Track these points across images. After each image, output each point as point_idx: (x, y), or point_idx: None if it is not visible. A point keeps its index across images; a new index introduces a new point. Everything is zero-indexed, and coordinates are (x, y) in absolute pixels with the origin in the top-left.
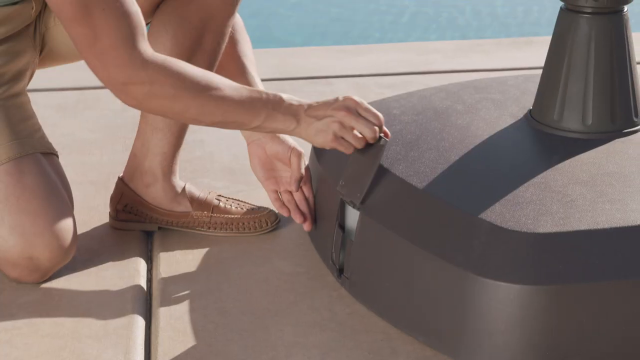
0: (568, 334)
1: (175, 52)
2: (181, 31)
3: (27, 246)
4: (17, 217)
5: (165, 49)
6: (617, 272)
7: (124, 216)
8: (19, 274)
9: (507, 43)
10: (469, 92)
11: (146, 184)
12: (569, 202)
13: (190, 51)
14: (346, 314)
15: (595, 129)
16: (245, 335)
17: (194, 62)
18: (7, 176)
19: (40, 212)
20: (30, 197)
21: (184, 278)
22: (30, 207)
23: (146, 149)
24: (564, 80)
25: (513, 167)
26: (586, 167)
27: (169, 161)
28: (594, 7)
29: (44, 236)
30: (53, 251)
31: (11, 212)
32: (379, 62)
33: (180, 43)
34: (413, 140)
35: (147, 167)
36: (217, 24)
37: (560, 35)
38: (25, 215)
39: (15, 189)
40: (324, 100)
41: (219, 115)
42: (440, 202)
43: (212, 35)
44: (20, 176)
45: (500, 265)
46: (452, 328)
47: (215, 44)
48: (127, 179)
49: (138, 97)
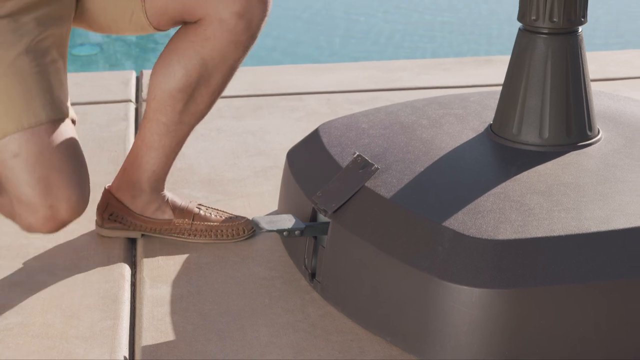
0: (526, 334)
1: (182, 82)
2: (193, 65)
3: (51, 197)
4: (47, 171)
5: (175, 78)
6: (572, 277)
7: (110, 224)
8: (35, 221)
9: (468, 62)
10: (433, 107)
11: (133, 196)
12: (527, 211)
13: (196, 84)
14: (318, 316)
15: (551, 142)
16: (223, 335)
17: (198, 95)
18: (45, 135)
19: (67, 171)
20: (62, 156)
21: (166, 282)
22: (60, 165)
23: (137, 165)
24: (522, 97)
25: (474, 178)
26: (543, 178)
27: (158, 178)
28: (550, 28)
29: (67, 191)
30: (72, 205)
31: (43, 166)
32: (348, 79)
33: (190, 75)
34: (381, 153)
35: (136, 181)
36: (227, 65)
37: (518, 54)
38: (55, 171)
39: (49, 147)
40: None
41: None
42: (406, 211)
43: (220, 75)
44: (56, 137)
45: (462, 270)
46: (417, 329)
47: (221, 82)
48: (114, 189)
49: None
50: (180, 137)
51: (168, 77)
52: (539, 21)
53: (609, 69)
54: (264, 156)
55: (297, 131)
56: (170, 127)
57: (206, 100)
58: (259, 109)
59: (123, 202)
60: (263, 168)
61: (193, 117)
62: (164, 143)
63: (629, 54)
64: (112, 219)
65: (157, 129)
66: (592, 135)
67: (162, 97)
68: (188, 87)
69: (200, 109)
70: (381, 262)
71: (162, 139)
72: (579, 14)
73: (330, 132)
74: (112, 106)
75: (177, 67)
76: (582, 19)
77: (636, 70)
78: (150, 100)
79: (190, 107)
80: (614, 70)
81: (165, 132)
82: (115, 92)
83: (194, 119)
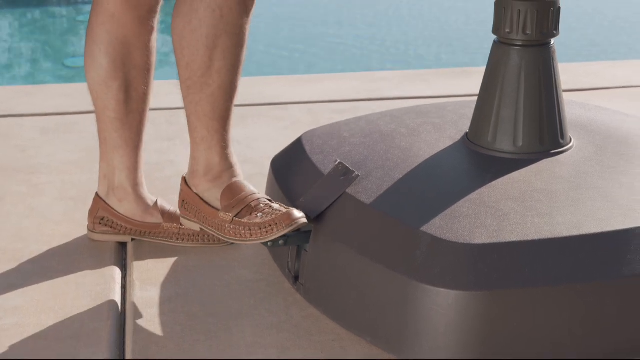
0: (501, 335)
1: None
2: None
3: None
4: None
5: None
6: (545, 279)
7: (101, 229)
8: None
9: (445, 73)
10: (411, 116)
11: (119, 199)
12: (502, 216)
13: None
14: (301, 317)
15: (525, 150)
16: (210, 336)
17: (133, 79)
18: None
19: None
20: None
21: (155, 284)
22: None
23: (112, 168)
24: (497, 106)
25: (451, 185)
26: (517, 184)
27: (134, 174)
28: (523, 40)
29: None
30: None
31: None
32: (330, 89)
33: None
34: (361, 160)
35: (118, 183)
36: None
37: (493, 66)
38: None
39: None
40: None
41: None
42: (386, 216)
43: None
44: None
45: (439, 273)
46: (396, 330)
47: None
48: (103, 195)
49: None
50: (136, 127)
51: (97, 69)
52: (513, 34)
53: (580, 79)
54: (250, 163)
55: (282, 139)
56: (123, 120)
57: (143, 82)
58: (245, 118)
59: (112, 206)
60: (249, 175)
61: (139, 104)
62: (125, 138)
63: (600, 65)
64: (103, 223)
65: (112, 126)
66: (565, 143)
67: (101, 92)
68: (118, 72)
69: (141, 93)
70: (362, 266)
71: (121, 135)
72: (551, 27)
73: (312, 140)
74: None
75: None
76: (554, 31)
77: (606, 82)
78: (95, 100)
79: (131, 93)
80: (586, 81)
81: (121, 126)
82: None
83: (141, 105)
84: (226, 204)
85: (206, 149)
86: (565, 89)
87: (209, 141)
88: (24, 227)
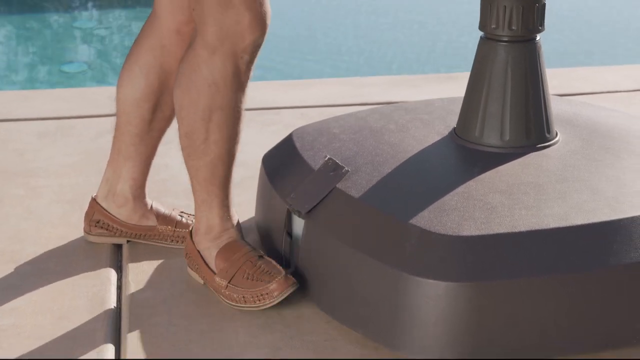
0: (490, 325)
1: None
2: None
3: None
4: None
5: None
6: (533, 270)
7: (97, 231)
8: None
9: (433, 78)
10: (400, 113)
11: (118, 205)
12: (490, 209)
13: (159, 92)
14: (293, 317)
15: (512, 144)
16: (204, 335)
17: (163, 102)
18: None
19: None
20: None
21: (150, 286)
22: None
23: (118, 175)
24: (484, 101)
25: (440, 179)
26: (504, 177)
27: (138, 185)
28: (509, 36)
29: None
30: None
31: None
32: (321, 94)
33: (152, 84)
34: (351, 156)
35: (119, 190)
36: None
37: (480, 61)
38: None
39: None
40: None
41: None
42: (376, 210)
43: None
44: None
45: (429, 265)
46: (387, 321)
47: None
48: (100, 199)
49: None
50: (152, 143)
51: (133, 89)
52: (499, 29)
53: (572, 84)
54: (243, 167)
55: (274, 143)
56: (143, 137)
57: (171, 106)
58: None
59: (109, 211)
60: (242, 178)
61: (162, 123)
62: (139, 151)
63: (590, 70)
64: (99, 225)
65: (130, 140)
66: (551, 137)
67: (129, 109)
68: (152, 95)
69: (167, 115)
70: (353, 259)
71: (137, 149)
72: (537, 22)
73: (303, 136)
74: (100, 120)
75: (139, 77)
76: (539, 27)
77: (597, 86)
78: (120, 114)
79: (157, 114)
80: (577, 86)
81: (139, 142)
82: (102, 106)
83: (164, 124)
84: (221, 266)
85: (207, 210)
86: (556, 94)
87: (209, 203)
88: (22, 229)
